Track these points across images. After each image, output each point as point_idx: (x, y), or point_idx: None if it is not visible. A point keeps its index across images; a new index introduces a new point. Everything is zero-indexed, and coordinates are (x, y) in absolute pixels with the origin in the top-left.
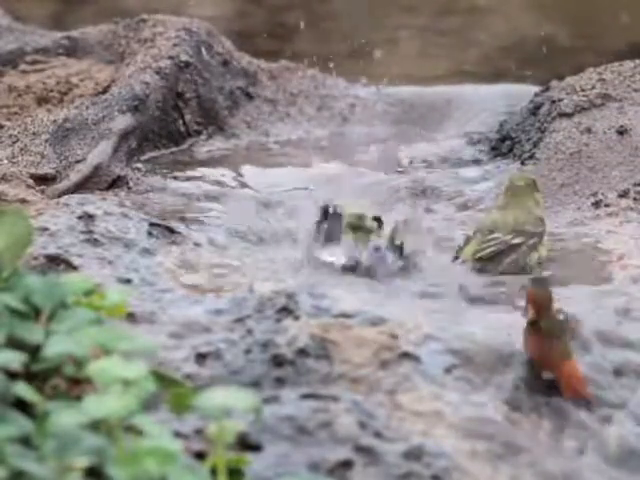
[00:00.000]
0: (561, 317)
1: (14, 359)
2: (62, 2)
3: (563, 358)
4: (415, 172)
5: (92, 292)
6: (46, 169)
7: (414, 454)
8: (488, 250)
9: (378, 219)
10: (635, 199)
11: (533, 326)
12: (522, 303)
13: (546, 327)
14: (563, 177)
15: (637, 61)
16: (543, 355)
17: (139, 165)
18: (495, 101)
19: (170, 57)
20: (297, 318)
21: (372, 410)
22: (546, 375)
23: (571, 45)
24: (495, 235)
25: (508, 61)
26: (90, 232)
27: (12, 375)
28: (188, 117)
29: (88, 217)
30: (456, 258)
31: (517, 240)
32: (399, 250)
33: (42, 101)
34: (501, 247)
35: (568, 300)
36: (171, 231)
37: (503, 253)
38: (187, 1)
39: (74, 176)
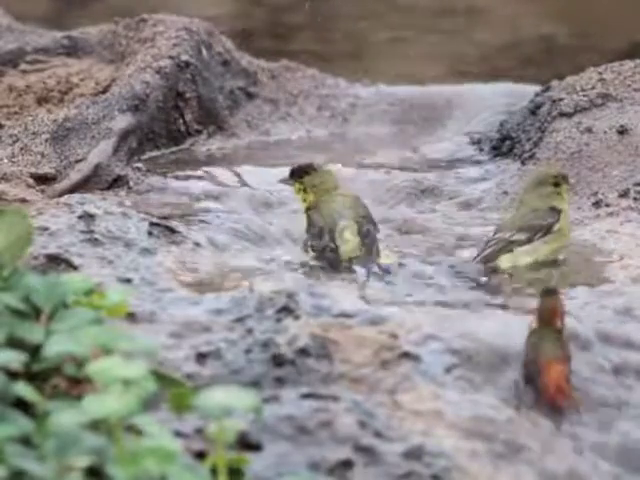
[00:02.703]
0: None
1: (14, 359)
2: (62, 2)
3: (550, 360)
4: (415, 172)
5: (92, 292)
6: (46, 168)
7: (414, 454)
8: (488, 251)
9: None
10: (635, 199)
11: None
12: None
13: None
14: None
15: (637, 61)
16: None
17: (139, 165)
18: (495, 101)
19: (170, 57)
20: (297, 318)
21: (372, 410)
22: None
23: (571, 45)
24: (497, 235)
25: (508, 61)
26: (90, 232)
27: (12, 375)
28: (188, 117)
29: (88, 217)
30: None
31: (518, 237)
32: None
33: (42, 101)
34: (500, 246)
35: (569, 300)
36: (171, 231)
37: (501, 251)
38: (187, 1)
39: (74, 175)
